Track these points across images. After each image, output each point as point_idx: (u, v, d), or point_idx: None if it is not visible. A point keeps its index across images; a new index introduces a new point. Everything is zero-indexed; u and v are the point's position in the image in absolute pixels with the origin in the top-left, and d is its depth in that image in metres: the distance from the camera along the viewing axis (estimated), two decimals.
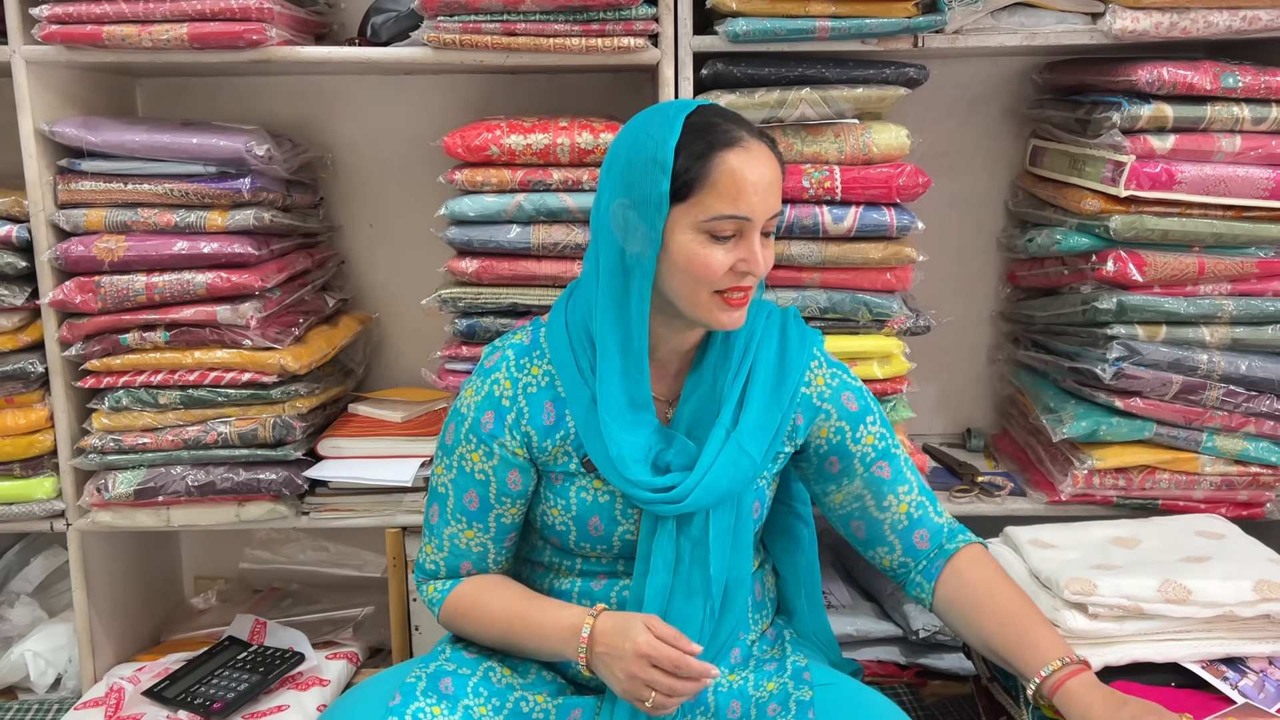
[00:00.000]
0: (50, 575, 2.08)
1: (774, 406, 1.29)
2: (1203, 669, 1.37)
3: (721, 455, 1.25)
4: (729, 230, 1.19)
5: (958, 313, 2.06)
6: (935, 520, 1.37)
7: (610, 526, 1.31)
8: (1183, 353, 1.70)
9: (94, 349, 1.74)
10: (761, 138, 1.22)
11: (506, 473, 1.31)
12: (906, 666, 1.90)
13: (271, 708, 1.73)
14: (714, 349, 1.30)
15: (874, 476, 1.35)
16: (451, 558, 1.35)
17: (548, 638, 1.26)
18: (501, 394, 1.30)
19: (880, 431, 1.35)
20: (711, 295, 1.21)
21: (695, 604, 1.28)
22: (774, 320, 1.34)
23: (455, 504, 1.33)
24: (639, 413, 1.27)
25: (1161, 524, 1.62)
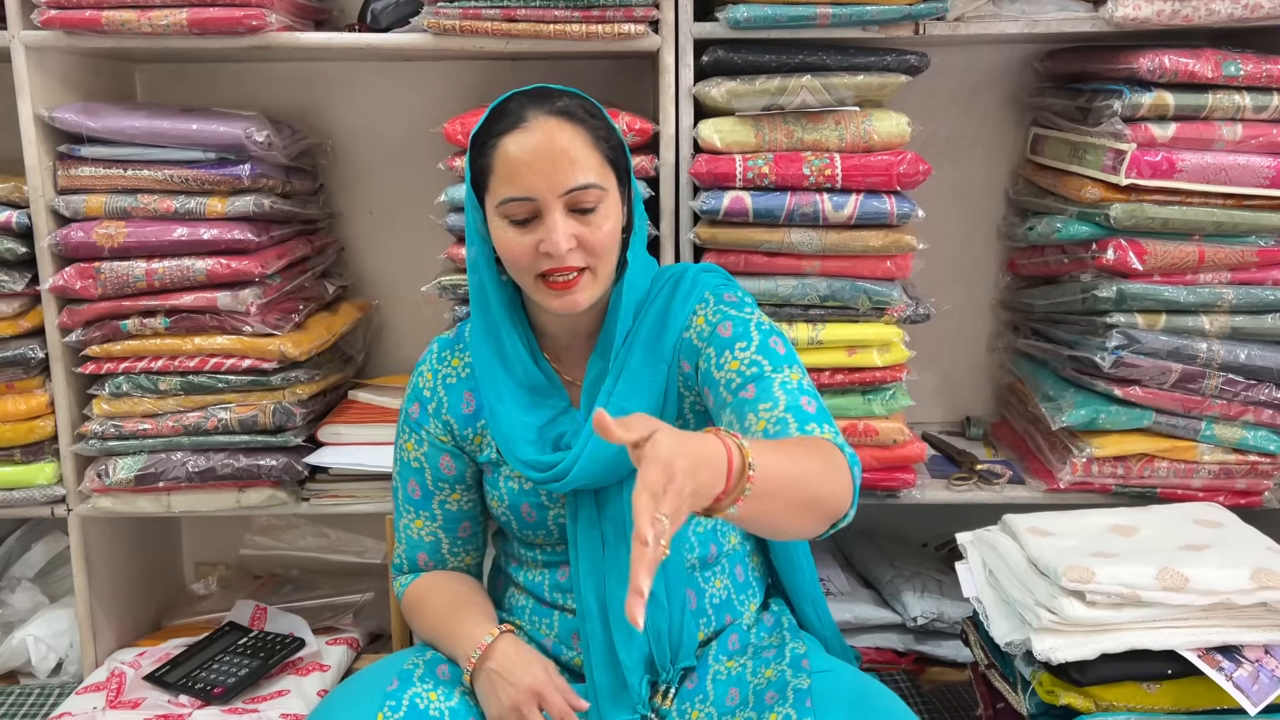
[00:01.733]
0: (51, 561, 2.09)
1: (655, 358, 1.26)
2: (1199, 657, 1.38)
3: None
4: (519, 213, 1.19)
5: (957, 301, 2.06)
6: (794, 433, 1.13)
7: (540, 513, 1.33)
8: (1182, 341, 1.70)
9: (94, 335, 1.74)
10: (559, 112, 1.19)
11: (438, 458, 1.35)
12: (904, 654, 1.91)
13: (272, 693, 1.74)
14: (606, 326, 1.29)
15: (739, 399, 1.17)
16: (409, 549, 1.39)
17: (457, 645, 1.27)
18: (424, 385, 1.36)
19: (753, 358, 1.19)
20: (535, 280, 1.21)
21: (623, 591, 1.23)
22: (672, 276, 1.32)
23: (404, 495, 1.38)
24: (536, 394, 1.29)
25: (1160, 512, 1.63)
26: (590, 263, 1.21)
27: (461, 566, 1.41)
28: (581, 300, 1.22)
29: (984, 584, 1.56)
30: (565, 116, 1.20)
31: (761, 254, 1.70)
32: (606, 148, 1.22)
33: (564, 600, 1.36)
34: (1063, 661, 1.38)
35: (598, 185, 1.20)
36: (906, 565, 2.02)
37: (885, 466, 1.76)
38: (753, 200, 1.66)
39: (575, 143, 1.19)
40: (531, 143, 1.18)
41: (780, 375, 1.18)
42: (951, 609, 1.89)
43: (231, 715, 1.68)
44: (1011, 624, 1.48)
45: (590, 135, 1.20)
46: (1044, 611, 1.41)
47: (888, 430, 1.73)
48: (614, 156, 1.23)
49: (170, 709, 1.70)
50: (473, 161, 1.24)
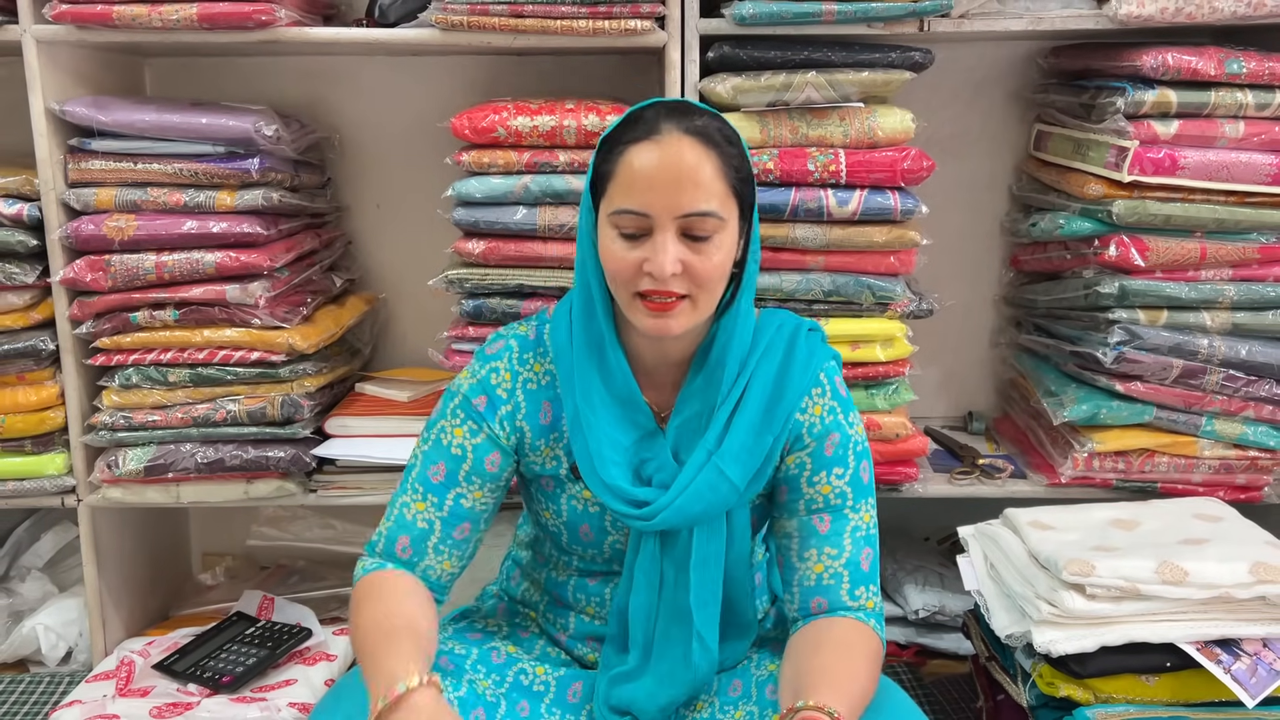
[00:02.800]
0: (60, 551, 2.11)
1: (764, 430, 1.22)
2: (1197, 650, 1.39)
3: (699, 478, 1.20)
4: (629, 226, 1.14)
5: (961, 296, 2.07)
6: (843, 599, 1.24)
7: (599, 536, 1.31)
8: (1183, 337, 1.71)
9: (104, 327, 1.76)
10: (695, 131, 1.14)
11: (488, 452, 1.27)
12: (906, 646, 1.93)
13: (279, 681, 1.76)
14: (708, 365, 1.24)
15: (810, 524, 1.25)
16: (394, 528, 1.27)
17: (376, 675, 1.11)
18: (499, 384, 1.28)
19: (842, 487, 1.25)
20: (632, 298, 1.17)
21: (681, 629, 1.25)
22: (783, 334, 1.27)
23: (419, 474, 1.28)
24: (627, 410, 1.24)
25: (1160, 506, 1.64)
26: (692, 291, 1.15)
27: (435, 569, 1.27)
28: (675, 327, 1.16)
29: (985, 577, 1.58)
30: (699, 137, 1.14)
31: (766, 249, 1.71)
32: (735, 177, 1.16)
33: (586, 603, 1.36)
34: (1063, 654, 1.39)
35: (716, 214, 1.14)
36: (908, 559, 2.03)
37: (888, 460, 1.77)
38: (758, 195, 1.66)
39: (703, 166, 1.13)
40: (658, 157, 1.12)
41: (856, 517, 1.26)
42: (953, 602, 1.91)
43: (240, 704, 1.69)
44: (1012, 616, 1.49)
45: (720, 161, 1.14)
46: (1044, 604, 1.42)
47: (890, 424, 1.75)
48: (741, 188, 1.17)
49: (179, 697, 1.71)
50: (596, 164, 1.19)
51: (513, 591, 1.47)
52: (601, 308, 1.23)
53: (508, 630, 1.42)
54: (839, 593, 1.24)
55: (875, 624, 1.24)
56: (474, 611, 1.47)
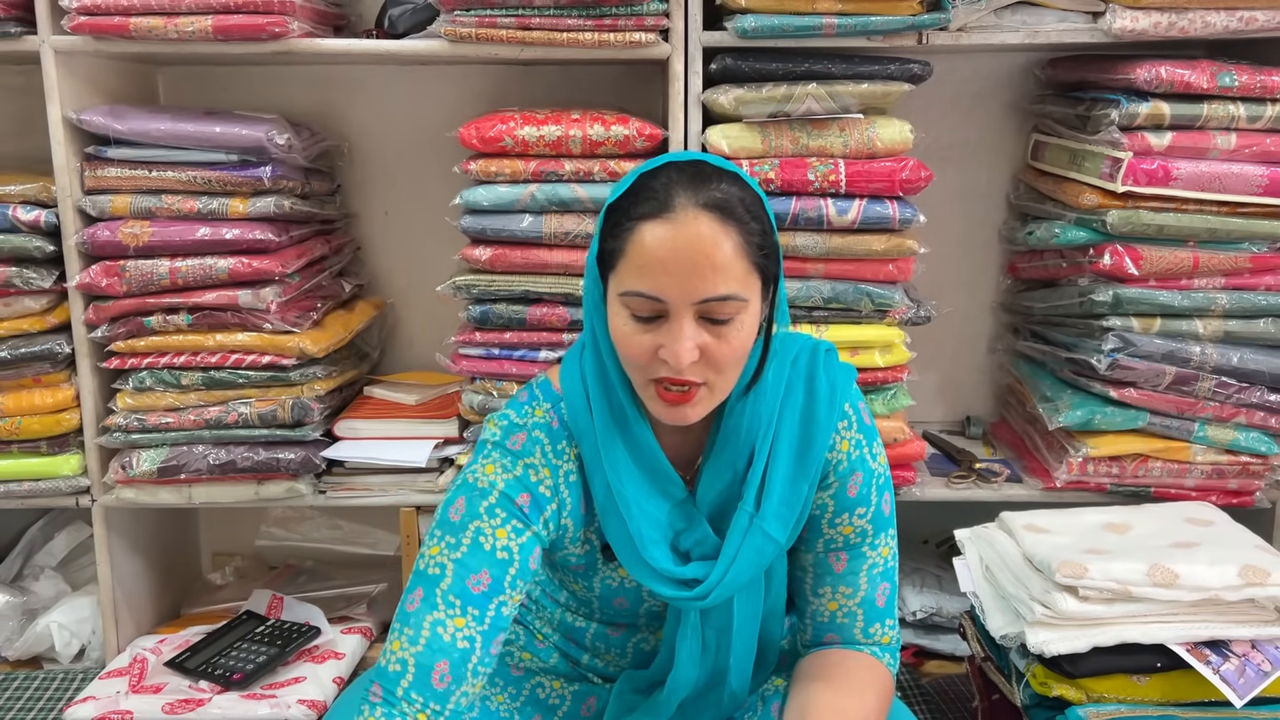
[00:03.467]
0: (73, 551, 2.14)
1: (799, 479, 1.16)
2: (1187, 651, 1.42)
3: (745, 545, 1.15)
4: (643, 310, 1.05)
5: (960, 303, 2.10)
6: (857, 636, 1.22)
7: (635, 604, 1.27)
8: (1176, 345, 1.74)
9: (119, 331, 1.80)
10: (712, 206, 1.03)
11: (532, 551, 1.14)
12: (904, 647, 1.95)
13: (289, 679, 1.80)
14: (729, 420, 1.15)
15: (826, 561, 1.22)
16: (427, 654, 1.08)
17: None
18: (540, 482, 1.16)
19: (863, 526, 1.20)
20: (648, 382, 1.09)
21: (719, 691, 1.24)
22: (799, 369, 1.18)
23: (452, 585, 1.10)
24: (657, 480, 1.16)
25: (1153, 511, 1.67)
26: (710, 378, 1.07)
27: (469, 699, 1.11)
28: (692, 415, 1.09)
29: (981, 579, 1.61)
30: (718, 212, 1.03)
31: None
32: (757, 253, 1.05)
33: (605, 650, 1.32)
34: (1055, 654, 1.42)
35: (738, 297, 1.04)
36: (907, 561, 2.06)
37: None
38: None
39: (722, 246, 1.02)
40: (673, 239, 1.02)
41: (874, 554, 1.22)
42: (950, 604, 1.93)
43: (250, 700, 1.73)
44: (1007, 618, 1.52)
45: (741, 238, 1.03)
46: (1038, 606, 1.45)
47: (889, 429, 1.78)
48: (764, 263, 1.07)
49: (191, 693, 1.75)
50: (603, 236, 1.09)
51: (523, 616, 1.41)
52: (619, 380, 1.14)
53: (525, 640, 1.39)
54: (853, 630, 1.22)
55: (889, 658, 1.23)
56: None
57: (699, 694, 1.24)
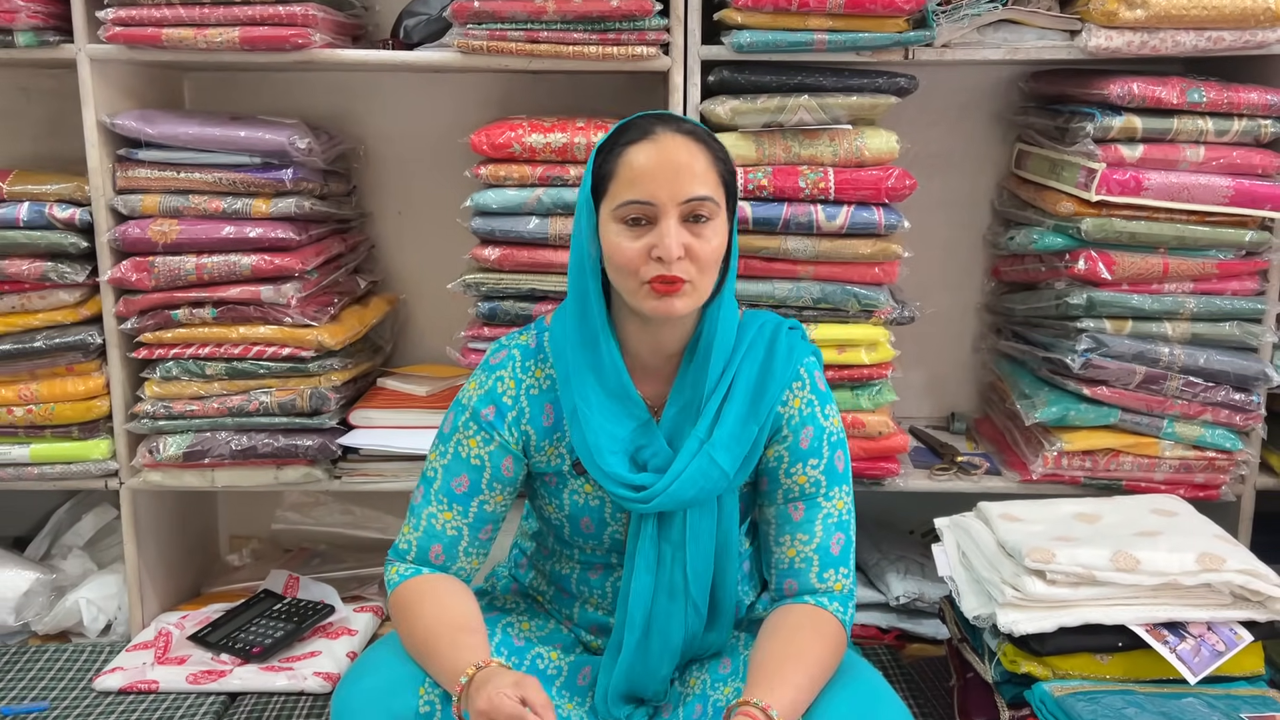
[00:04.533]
0: (99, 531, 2.22)
1: (750, 420, 1.32)
2: (1146, 632, 1.50)
3: (692, 465, 1.30)
4: (636, 214, 1.25)
5: (946, 304, 2.18)
6: (812, 582, 1.35)
7: (600, 527, 1.40)
8: (1146, 345, 1.82)
9: (147, 323, 1.88)
10: (685, 131, 1.27)
11: (502, 459, 1.37)
12: (887, 630, 2.03)
13: (305, 653, 1.89)
14: (696, 357, 1.33)
15: (786, 511, 1.37)
16: (425, 538, 1.37)
17: (440, 673, 1.26)
18: (504, 392, 1.38)
19: (817, 476, 1.36)
20: (640, 285, 1.26)
21: (677, 604, 1.35)
22: (764, 332, 1.37)
23: (441, 486, 1.38)
24: (622, 404, 1.33)
25: (1121, 502, 1.74)
26: (693, 276, 1.25)
27: (466, 569, 1.40)
28: (680, 307, 1.26)
29: (957, 564, 1.69)
30: (690, 136, 1.27)
31: (760, 259, 1.83)
32: (723, 169, 1.29)
33: (589, 594, 1.46)
34: (1024, 633, 1.49)
35: (713, 199, 1.26)
36: (892, 549, 2.14)
37: (871, 456, 1.89)
38: (753, 209, 1.79)
39: (698, 159, 1.26)
40: (657, 152, 1.25)
41: (828, 504, 1.37)
42: (932, 590, 2.01)
43: (269, 672, 1.82)
44: (980, 600, 1.60)
45: (711, 155, 1.28)
46: (1009, 588, 1.52)
47: (874, 423, 1.87)
48: (727, 181, 1.30)
49: (213, 665, 1.85)
50: (595, 168, 1.30)
51: (521, 578, 1.57)
52: (595, 304, 1.32)
53: (524, 607, 1.52)
54: (808, 576, 1.36)
55: (837, 605, 1.35)
56: (489, 591, 1.57)
57: (663, 614, 1.34)
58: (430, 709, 1.27)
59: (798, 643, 1.29)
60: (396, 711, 1.27)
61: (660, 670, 1.37)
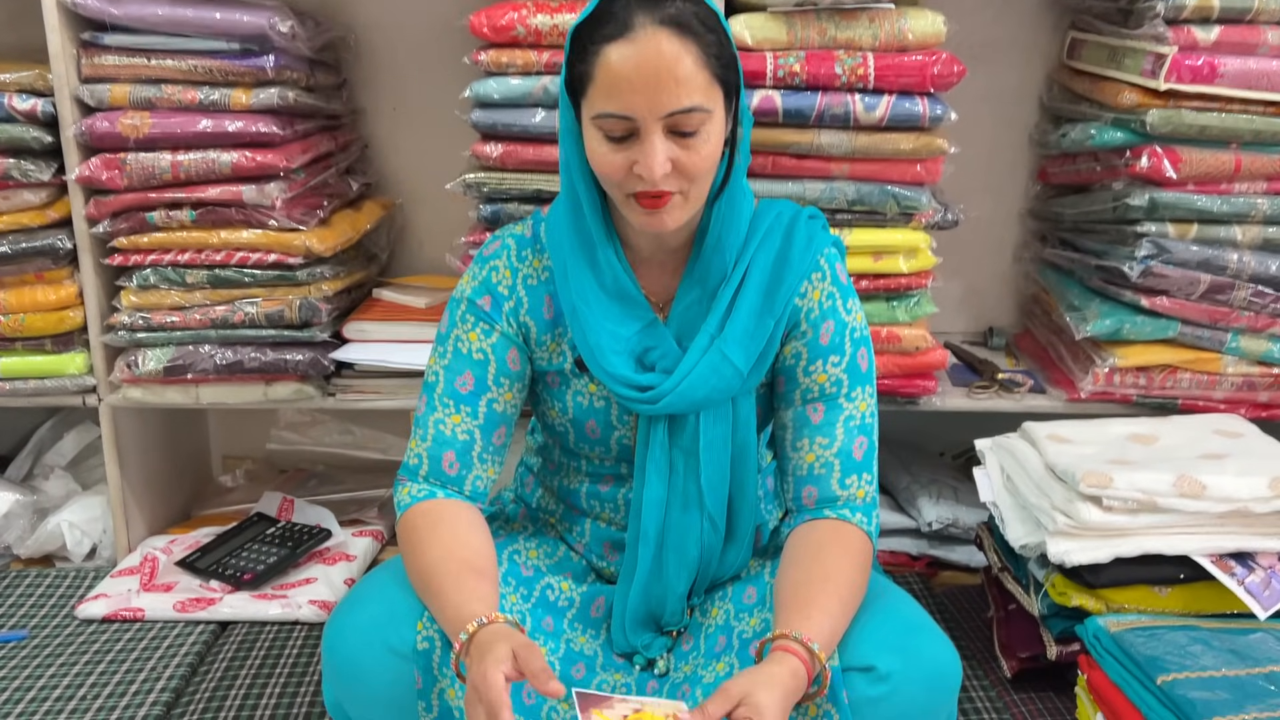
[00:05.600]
0: (82, 451, 2.13)
1: (765, 314, 1.22)
2: (1211, 563, 1.40)
3: (702, 362, 1.21)
4: (614, 129, 1.10)
5: (985, 209, 2.04)
6: (833, 489, 1.25)
7: (606, 431, 1.30)
8: (1212, 251, 1.68)
9: (121, 227, 1.75)
10: (669, 22, 1.08)
11: (507, 351, 1.27)
12: (918, 557, 1.94)
13: (300, 580, 1.80)
14: (705, 249, 1.22)
15: (804, 414, 1.26)
16: (435, 447, 1.25)
17: (441, 616, 1.14)
18: (499, 282, 1.27)
19: (838, 375, 1.25)
20: (625, 198, 1.15)
21: (692, 516, 1.26)
22: (781, 221, 1.25)
23: (445, 388, 1.26)
24: (625, 305, 1.23)
25: (1180, 422, 1.64)
26: (683, 187, 1.14)
27: (483, 478, 1.28)
28: (669, 222, 1.15)
29: (1001, 489, 1.58)
30: (676, 28, 1.08)
31: (790, 156, 1.68)
32: (717, 65, 1.11)
33: (600, 509, 1.37)
34: (1076, 564, 1.41)
35: (701, 108, 1.10)
36: (923, 473, 2.04)
37: (906, 374, 1.77)
38: (783, 100, 1.63)
39: (683, 60, 1.08)
40: (636, 57, 1.08)
41: (850, 405, 1.25)
42: (966, 515, 1.91)
43: (261, 600, 1.73)
44: (1027, 528, 1.50)
45: (700, 51, 1.09)
46: (1060, 515, 1.43)
47: (910, 337, 1.74)
48: (724, 74, 1.13)
49: (202, 592, 1.75)
50: (571, 63, 1.14)
51: (528, 499, 1.48)
52: (588, 205, 1.21)
53: (533, 530, 1.43)
54: (829, 483, 1.25)
55: (861, 517, 1.24)
56: (497, 515, 1.47)
57: (678, 527, 1.26)
58: (429, 645, 1.18)
59: (826, 564, 1.19)
60: (393, 645, 1.18)
61: (677, 587, 1.28)
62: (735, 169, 1.20)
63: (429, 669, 1.17)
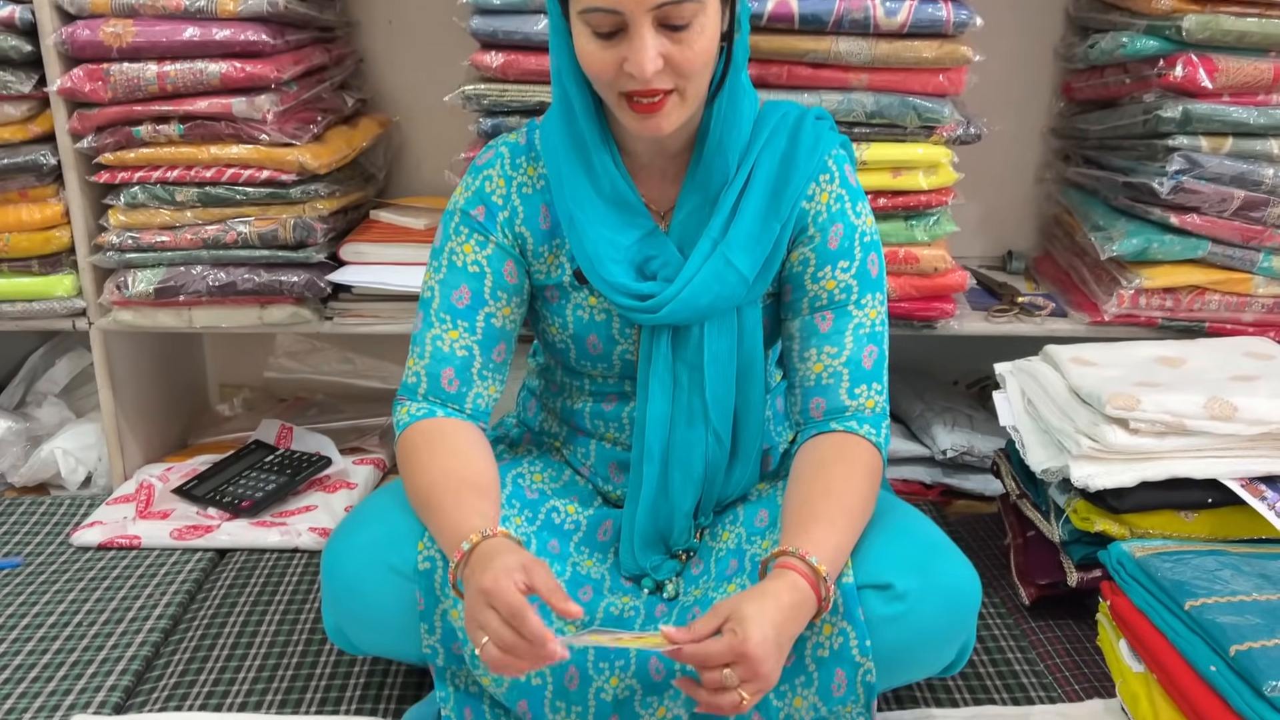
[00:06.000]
0: (76, 378, 2.09)
1: (770, 217, 1.17)
2: (1241, 486, 1.35)
3: (705, 268, 1.16)
4: (602, 25, 1.05)
5: (1006, 128, 1.94)
6: (842, 399, 1.20)
7: (608, 346, 1.26)
8: (1247, 166, 1.61)
9: (106, 141, 1.68)
10: None
11: (503, 263, 1.23)
12: (931, 486, 1.90)
13: (300, 507, 1.76)
14: (706, 152, 1.17)
15: (812, 323, 1.22)
16: (433, 364, 1.22)
17: (440, 533, 1.11)
18: (493, 191, 1.23)
19: (847, 281, 1.20)
20: (618, 98, 1.09)
21: (697, 431, 1.23)
22: (787, 121, 1.20)
23: (441, 304, 1.22)
24: (624, 213, 1.19)
25: (1209, 345, 1.58)
26: (678, 84, 1.08)
27: (484, 395, 1.24)
28: (666, 125, 1.09)
29: (1021, 413, 1.53)
30: None
31: (806, 65, 1.60)
32: None
33: (604, 429, 1.33)
34: (1100, 489, 1.36)
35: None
36: (937, 401, 1.99)
37: (924, 296, 1.70)
38: (799, 4, 1.55)
39: None
40: None
41: (860, 313, 1.21)
42: (981, 443, 1.87)
43: (260, 527, 1.69)
44: (1049, 452, 1.45)
45: None
46: (1084, 439, 1.38)
47: (929, 258, 1.67)
48: None
49: (199, 520, 1.71)
50: None
51: (531, 422, 1.44)
52: (581, 109, 1.15)
53: (537, 454, 1.39)
54: (838, 393, 1.20)
55: (869, 429, 1.20)
56: (500, 440, 1.44)
57: (683, 443, 1.22)
58: (430, 565, 1.15)
59: (830, 479, 1.15)
60: (394, 565, 1.16)
61: (683, 505, 1.25)
62: (734, 65, 1.14)
63: (431, 590, 1.14)
